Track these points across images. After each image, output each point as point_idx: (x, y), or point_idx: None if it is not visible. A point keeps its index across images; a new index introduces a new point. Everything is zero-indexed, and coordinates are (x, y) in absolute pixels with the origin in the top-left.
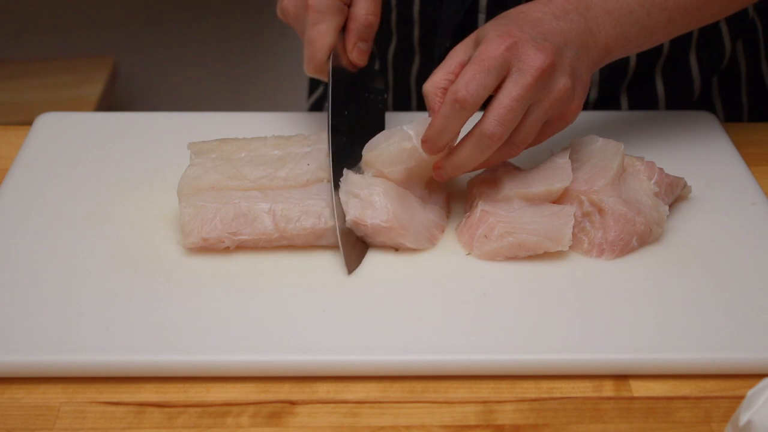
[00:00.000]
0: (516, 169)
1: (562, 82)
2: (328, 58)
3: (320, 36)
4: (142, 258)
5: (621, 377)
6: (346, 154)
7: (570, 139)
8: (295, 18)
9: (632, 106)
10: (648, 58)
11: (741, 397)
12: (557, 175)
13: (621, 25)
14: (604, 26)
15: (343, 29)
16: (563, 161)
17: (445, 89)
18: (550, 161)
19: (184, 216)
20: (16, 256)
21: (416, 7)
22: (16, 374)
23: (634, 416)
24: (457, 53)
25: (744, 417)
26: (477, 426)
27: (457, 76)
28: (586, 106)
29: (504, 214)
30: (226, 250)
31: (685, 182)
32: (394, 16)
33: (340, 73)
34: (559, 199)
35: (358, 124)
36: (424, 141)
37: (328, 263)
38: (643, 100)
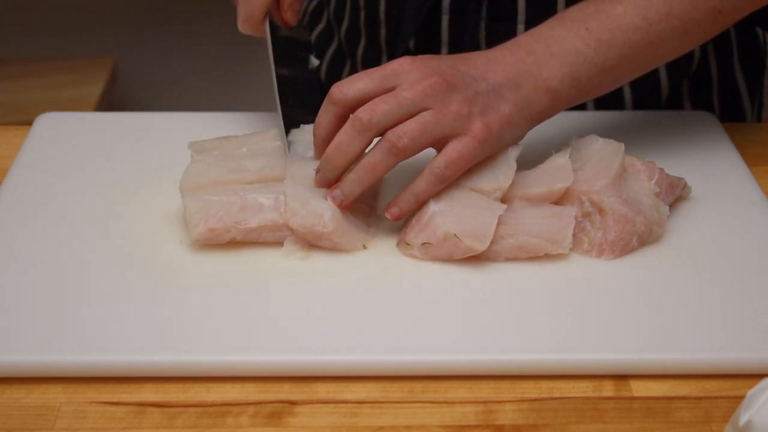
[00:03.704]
0: (517, 170)
1: (454, 101)
2: (265, 16)
3: None
4: (142, 258)
5: (621, 377)
6: (291, 114)
7: (570, 140)
8: None
9: (598, 109)
10: None
11: (741, 397)
12: (558, 175)
13: (567, 65)
14: (546, 67)
15: None
16: (564, 161)
17: None
18: (551, 161)
19: (190, 209)
20: (15, 256)
21: (382, 8)
22: (16, 374)
23: (634, 416)
24: None
25: (744, 417)
26: (477, 426)
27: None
28: None
29: (504, 215)
30: (230, 244)
31: (686, 182)
32: (362, 16)
33: (275, 32)
34: (560, 199)
35: (294, 84)
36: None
37: (328, 263)
38: (609, 104)
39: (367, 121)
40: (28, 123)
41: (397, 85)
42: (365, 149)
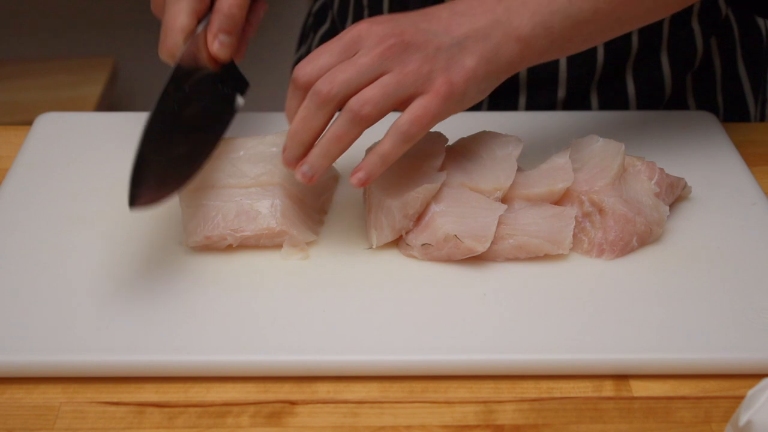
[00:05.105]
0: (517, 170)
1: (413, 60)
2: (184, 42)
3: (174, 16)
4: (142, 258)
5: (621, 377)
6: (162, 128)
7: (570, 140)
8: (162, 7)
9: (602, 105)
10: (617, 56)
11: (741, 397)
12: (559, 175)
13: (539, 14)
14: (518, 15)
15: None
16: (564, 161)
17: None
18: (551, 162)
19: (186, 215)
20: (15, 255)
21: (386, 6)
22: (16, 374)
23: (634, 416)
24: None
25: (744, 417)
26: (477, 426)
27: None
28: (555, 106)
29: (504, 215)
30: (229, 248)
31: (686, 182)
32: (366, 15)
33: (193, 62)
34: (560, 199)
35: (196, 103)
36: None
37: (329, 263)
38: (613, 99)
39: (326, 93)
40: (28, 123)
41: (358, 52)
42: (329, 122)
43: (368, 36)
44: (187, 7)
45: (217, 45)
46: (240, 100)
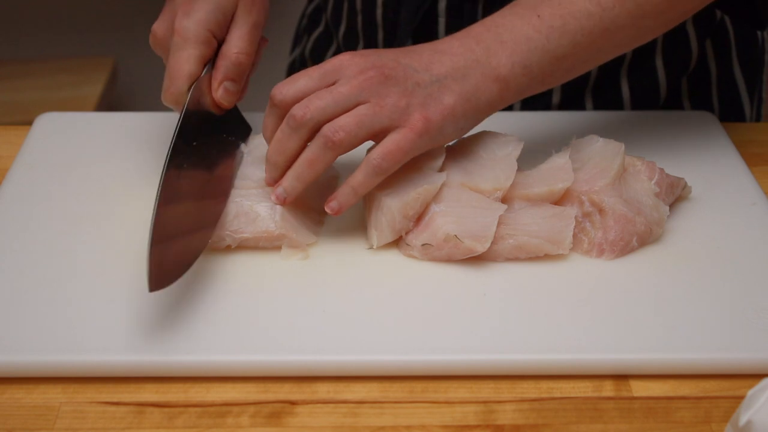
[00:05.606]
0: (517, 170)
1: (393, 94)
2: (189, 89)
3: (181, 63)
4: (142, 258)
5: (621, 377)
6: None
7: (570, 140)
8: (163, 44)
9: (597, 109)
10: (612, 61)
11: (741, 397)
12: (559, 175)
13: (518, 53)
14: (496, 56)
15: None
16: (564, 161)
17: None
18: (551, 162)
19: None
20: (16, 256)
21: (379, 11)
22: (16, 374)
23: (634, 416)
24: None
25: (744, 417)
26: (477, 426)
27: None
28: (550, 109)
29: (504, 215)
30: (228, 249)
31: (686, 182)
32: (360, 20)
33: (198, 107)
34: (560, 199)
35: (204, 160)
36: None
37: (329, 263)
38: (608, 103)
39: (300, 117)
40: (28, 123)
41: (337, 81)
42: (303, 145)
43: (349, 66)
44: (195, 53)
45: (222, 92)
46: (243, 148)
